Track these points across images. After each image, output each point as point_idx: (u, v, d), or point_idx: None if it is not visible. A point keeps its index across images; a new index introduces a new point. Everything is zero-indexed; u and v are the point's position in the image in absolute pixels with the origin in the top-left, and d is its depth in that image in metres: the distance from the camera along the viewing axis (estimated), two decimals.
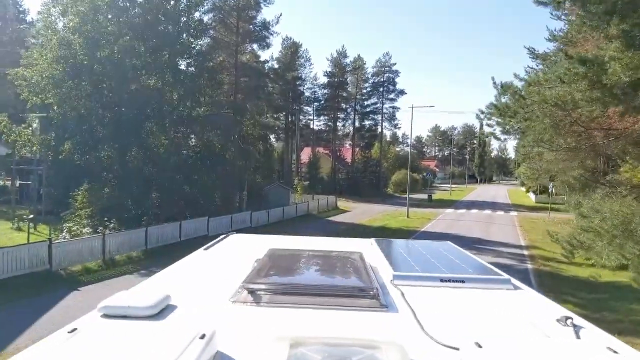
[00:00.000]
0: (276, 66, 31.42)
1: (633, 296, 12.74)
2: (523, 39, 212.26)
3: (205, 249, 3.43)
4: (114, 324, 1.73)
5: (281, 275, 2.57)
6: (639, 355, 1.55)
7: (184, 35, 27.55)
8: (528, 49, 31.83)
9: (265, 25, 29.16)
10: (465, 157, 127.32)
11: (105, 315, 1.79)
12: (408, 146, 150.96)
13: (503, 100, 12.28)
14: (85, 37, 24.67)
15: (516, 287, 2.45)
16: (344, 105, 63.75)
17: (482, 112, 11.65)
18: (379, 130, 63.04)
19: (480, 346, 1.45)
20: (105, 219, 20.40)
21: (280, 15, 31.51)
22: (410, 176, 75.58)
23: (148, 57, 26.37)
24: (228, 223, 25.45)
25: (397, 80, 60.81)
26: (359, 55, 62.61)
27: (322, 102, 64.03)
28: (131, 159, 25.62)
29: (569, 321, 1.85)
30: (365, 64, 62.09)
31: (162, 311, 1.88)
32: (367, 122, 62.87)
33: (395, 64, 60.47)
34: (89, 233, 19.27)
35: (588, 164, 27.58)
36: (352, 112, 63.27)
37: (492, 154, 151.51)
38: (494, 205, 48.82)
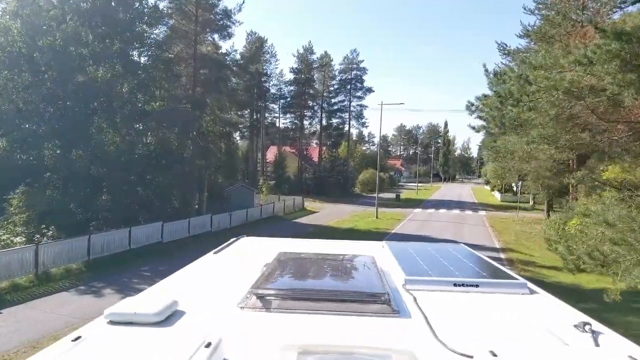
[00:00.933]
0: (238, 57, 29.40)
1: (626, 306, 11.81)
2: (491, 38, 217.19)
3: (215, 252, 3.38)
4: (120, 330, 1.71)
5: (290, 280, 2.48)
6: None
7: (138, 23, 25.27)
8: (499, 44, 31.27)
9: (227, 14, 27.19)
10: (430, 156, 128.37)
11: (111, 322, 1.77)
12: (374, 145, 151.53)
13: (489, 94, 11.06)
14: (24, 22, 22.15)
15: (532, 292, 2.41)
16: (310, 103, 62.14)
17: (472, 104, 10.44)
18: (347, 128, 61.80)
19: (495, 354, 1.40)
20: (43, 225, 18.06)
21: (243, 2, 29.69)
22: (378, 175, 75.41)
23: (96, 46, 23.99)
24: (185, 228, 23.41)
25: (364, 78, 59.78)
26: (325, 52, 61.33)
27: (289, 99, 62.26)
28: (77, 158, 23.16)
29: (587, 327, 1.77)
30: (332, 60, 60.81)
31: (169, 317, 1.86)
32: (334, 121, 61.55)
33: (362, 61, 59.50)
34: (22, 243, 16.91)
35: (555, 164, 27.24)
36: (319, 110, 61.79)
37: (456, 153, 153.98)
38: (461, 205, 48.50)
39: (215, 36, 28.31)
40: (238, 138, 67.36)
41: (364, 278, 2.51)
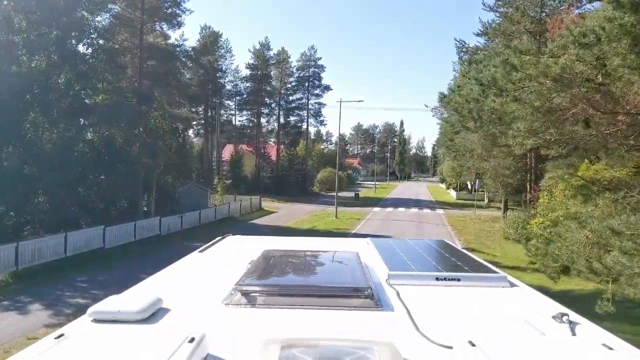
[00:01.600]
0: (189, 48, 27.65)
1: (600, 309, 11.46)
2: (449, 39, 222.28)
3: (201, 251, 3.37)
4: (104, 328, 1.71)
5: (275, 276, 2.48)
6: (635, 350, 1.56)
7: (77, 9, 23.10)
8: (457, 41, 31.22)
9: (176, 1, 25.41)
10: (386, 155, 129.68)
11: (95, 320, 1.77)
12: (333, 144, 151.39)
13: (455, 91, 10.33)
14: None
15: (512, 285, 2.45)
16: (268, 100, 60.69)
17: (445, 96, 9.68)
18: (305, 126, 60.78)
19: (473, 345, 1.45)
20: None
21: None
22: (338, 174, 74.92)
23: (31, 34, 21.69)
24: (131, 231, 21.58)
25: (322, 75, 58.94)
26: (283, 49, 59.88)
27: (245, 96, 60.50)
28: (8, 156, 20.83)
29: (564, 318, 1.83)
30: (289, 57, 59.50)
31: (153, 315, 1.86)
32: (292, 118, 60.38)
33: (320, 58, 58.64)
34: None
35: (514, 163, 27.42)
36: (276, 108, 60.39)
37: (411, 152, 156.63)
38: (419, 203, 48.64)
39: (164, 25, 26.49)
40: (192, 135, 65.07)
41: (347, 273, 2.49)
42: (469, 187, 60.08)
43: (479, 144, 26.07)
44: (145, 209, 26.57)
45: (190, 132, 62.37)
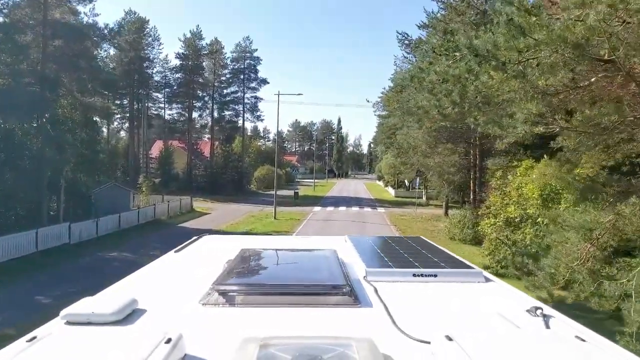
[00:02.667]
0: (102, 26, 24.11)
1: (572, 313, 10.36)
2: (390, 36, 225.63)
3: (176, 251, 3.31)
4: (77, 330, 1.67)
5: (253, 275, 2.49)
6: (607, 342, 1.61)
7: None
8: (400, 34, 30.16)
9: None
10: (324, 153, 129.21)
11: (68, 323, 1.73)
12: (270, 141, 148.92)
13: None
14: None
15: (487, 280, 2.49)
16: (200, 93, 57.09)
17: (414, 76, 8.04)
18: (241, 122, 57.88)
19: (450, 339, 1.47)
20: None
21: None
22: (276, 172, 72.58)
23: None
24: (32, 241, 18.16)
25: (258, 68, 56.31)
26: (216, 39, 56.57)
27: (175, 88, 56.47)
28: None
29: (538, 311, 1.87)
30: (223, 48, 56.32)
31: (129, 316, 1.83)
32: (227, 113, 57.24)
33: (256, 50, 55.98)
34: None
35: (459, 160, 26.84)
36: (210, 101, 56.97)
37: (349, 150, 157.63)
38: (359, 201, 47.67)
39: None
40: (116, 130, 59.99)
41: (325, 271, 2.47)
42: (407, 184, 60.33)
43: (422, 140, 25.08)
44: (53, 213, 22.93)
45: (113, 125, 57.62)
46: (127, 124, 55.41)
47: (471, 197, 25.77)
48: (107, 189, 28.01)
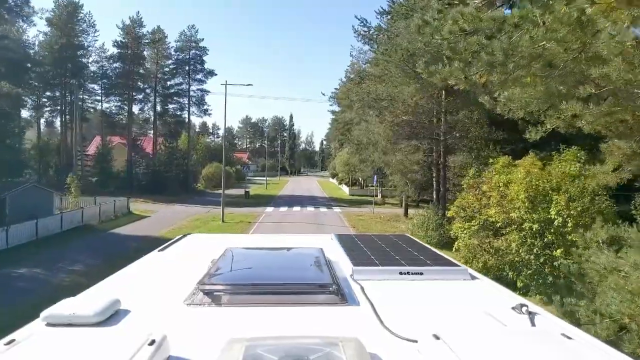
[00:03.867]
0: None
1: None
2: (345, 29, 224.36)
3: (160, 250, 3.28)
4: (58, 332, 1.63)
5: (238, 274, 2.44)
6: (593, 340, 1.64)
7: None
8: (359, 19, 28.17)
9: None
10: (276, 150, 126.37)
11: (49, 324, 1.70)
12: (220, 137, 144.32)
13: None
14: None
15: (473, 277, 2.50)
16: (141, 85, 52.75)
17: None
18: (186, 116, 54.00)
19: (438, 338, 1.49)
20: None
21: None
22: (225, 169, 69.15)
23: None
24: None
25: (205, 59, 52.67)
26: (158, 27, 52.41)
27: (113, 78, 51.82)
28: None
29: (524, 309, 1.88)
30: (166, 37, 52.28)
31: (111, 317, 1.80)
32: (171, 106, 53.18)
33: (202, 39, 52.43)
34: None
35: (422, 157, 25.23)
36: (152, 94, 52.78)
37: (301, 147, 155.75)
38: (314, 201, 45.52)
39: None
40: (45, 124, 54.56)
41: (312, 269, 2.47)
42: (362, 182, 58.89)
43: (383, 135, 23.21)
44: None
45: (43, 119, 52.25)
46: (57, 118, 50.30)
47: (434, 196, 24.20)
48: (24, 191, 24.09)
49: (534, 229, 11.59)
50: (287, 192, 56.29)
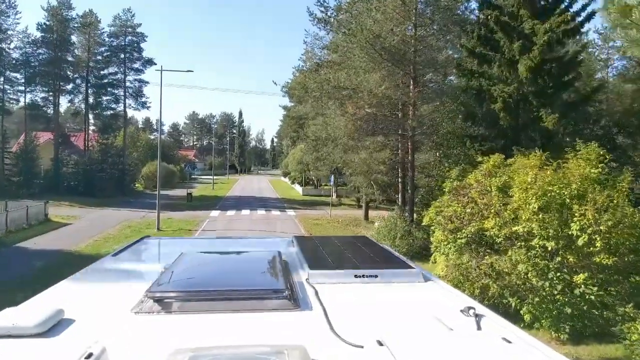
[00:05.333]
0: None
1: None
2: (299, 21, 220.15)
3: (113, 255, 3.12)
4: None
5: (189, 280, 2.31)
6: (535, 342, 1.68)
7: None
8: None
9: None
10: (225, 147, 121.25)
11: None
12: (165, 134, 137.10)
13: None
14: None
15: (426, 279, 2.50)
16: (71, 74, 47.12)
17: None
18: (123, 109, 48.76)
19: (381, 344, 1.54)
20: None
21: None
22: (166, 168, 64.12)
23: None
24: None
25: (143, 46, 47.79)
26: (90, 10, 46.99)
27: (37, 66, 45.84)
28: None
29: (471, 311, 1.91)
30: (100, 21, 46.94)
31: (54, 327, 1.72)
32: (105, 98, 47.80)
33: (140, 25, 47.31)
34: None
35: (391, 155, 22.65)
36: (83, 84, 47.28)
37: (251, 145, 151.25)
38: (265, 202, 42.15)
39: None
40: None
41: (266, 274, 2.42)
42: (315, 181, 56.10)
43: (344, 130, 20.35)
44: None
45: None
46: None
47: (399, 199, 21.65)
48: None
49: (548, 248, 9.06)
50: (235, 193, 52.48)
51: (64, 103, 48.69)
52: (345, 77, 18.39)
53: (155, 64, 45.35)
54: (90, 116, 49.42)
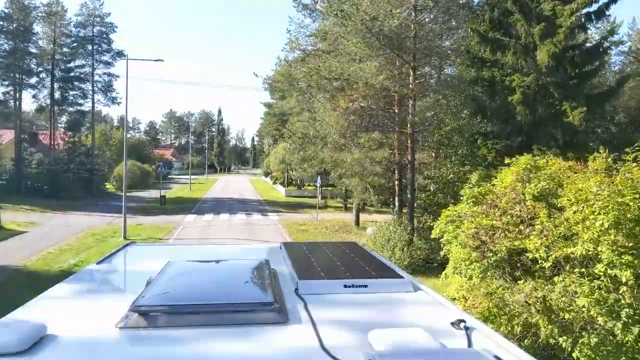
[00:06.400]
0: None
1: None
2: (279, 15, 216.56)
3: (98, 263, 3.00)
4: None
5: (176, 293, 2.20)
6: (528, 358, 1.64)
7: None
8: None
9: None
10: (204, 146, 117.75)
11: None
12: (140, 132, 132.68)
13: None
14: None
15: (416, 288, 2.46)
16: (34, 67, 43.64)
17: None
18: (91, 104, 45.37)
19: None
20: None
21: None
22: (140, 168, 60.75)
23: None
24: None
25: (113, 38, 44.64)
26: None
27: None
28: None
29: (462, 324, 1.88)
30: (66, 10, 43.56)
31: (35, 345, 1.64)
32: (72, 93, 44.39)
33: (109, 14, 44.05)
34: None
35: (390, 155, 20.40)
36: (48, 78, 43.84)
37: (231, 143, 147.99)
38: (245, 205, 39.54)
39: None
40: None
41: (255, 285, 2.35)
42: (298, 182, 53.69)
43: (336, 127, 18.03)
44: None
45: None
46: None
47: (395, 203, 19.44)
48: None
49: (622, 279, 6.90)
50: (214, 194, 49.63)
51: (27, 98, 45.21)
52: (338, 65, 16.05)
53: (125, 56, 42.05)
54: (56, 112, 45.92)
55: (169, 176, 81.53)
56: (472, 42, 15.61)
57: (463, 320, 1.88)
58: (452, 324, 1.89)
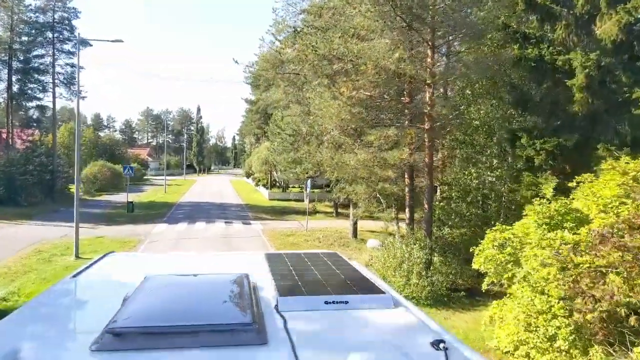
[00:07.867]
0: None
1: None
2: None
3: (74, 276, 2.82)
4: None
5: (152, 311, 2.08)
6: None
7: None
8: None
9: None
10: (182, 145, 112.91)
11: None
12: (116, 131, 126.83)
13: None
14: None
15: (396, 304, 2.37)
16: None
17: None
18: (52, 99, 40.84)
19: None
20: None
21: None
22: (111, 169, 56.20)
23: None
24: None
25: (76, 23, 40.32)
26: None
27: None
28: None
29: (441, 345, 1.83)
30: None
31: None
32: (31, 86, 39.87)
33: None
34: None
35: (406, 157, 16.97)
36: (5, 69, 39.22)
37: (211, 143, 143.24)
38: (225, 210, 35.74)
39: None
40: None
41: (233, 304, 2.20)
42: (284, 184, 50.10)
43: (337, 120, 14.53)
44: None
45: None
46: None
47: (407, 214, 16.07)
48: None
49: None
50: (192, 198, 45.60)
51: None
52: (340, 42, 12.59)
53: (91, 45, 37.64)
54: (12, 107, 41.27)
55: (144, 177, 76.85)
56: (510, 13, 12.34)
57: (443, 341, 1.83)
58: (432, 344, 1.84)
